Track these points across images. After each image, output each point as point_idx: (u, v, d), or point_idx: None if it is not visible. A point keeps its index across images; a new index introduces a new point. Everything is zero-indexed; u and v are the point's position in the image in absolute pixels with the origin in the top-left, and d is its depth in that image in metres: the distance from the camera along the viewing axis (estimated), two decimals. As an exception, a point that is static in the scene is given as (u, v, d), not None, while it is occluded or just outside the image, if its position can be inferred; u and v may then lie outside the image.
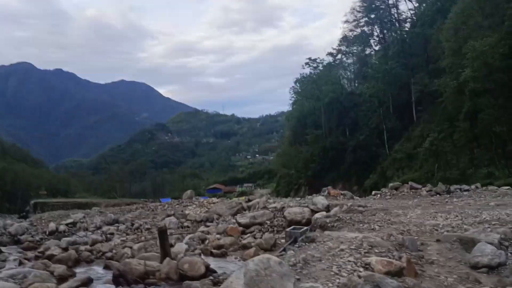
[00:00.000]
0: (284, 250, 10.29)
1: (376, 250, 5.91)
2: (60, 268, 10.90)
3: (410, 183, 17.69)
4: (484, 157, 29.70)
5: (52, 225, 21.22)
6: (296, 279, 4.77)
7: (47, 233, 20.38)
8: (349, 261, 5.43)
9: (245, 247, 11.56)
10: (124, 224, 18.67)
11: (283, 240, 11.82)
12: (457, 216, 9.61)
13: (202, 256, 11.36)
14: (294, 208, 13.80)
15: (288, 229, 11.76)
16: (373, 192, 17.78)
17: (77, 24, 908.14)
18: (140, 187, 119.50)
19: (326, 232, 7.77)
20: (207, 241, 12.81)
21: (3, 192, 76.90)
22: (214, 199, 24.12)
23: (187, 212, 19.85)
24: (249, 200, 18.95)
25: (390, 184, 17.57)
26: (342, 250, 5.95)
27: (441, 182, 17.80)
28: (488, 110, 28.12)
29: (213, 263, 10.35)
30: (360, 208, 12.31)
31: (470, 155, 31.05)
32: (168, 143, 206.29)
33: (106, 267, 11.66)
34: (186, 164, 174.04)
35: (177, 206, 23.30)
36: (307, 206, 13.78)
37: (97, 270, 11.94)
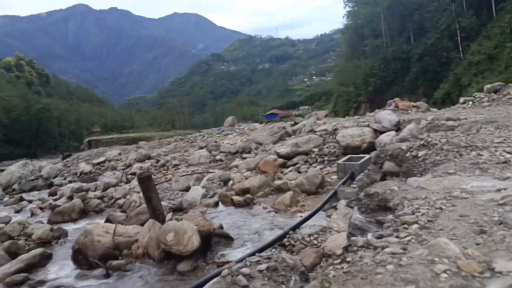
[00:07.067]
0: (336, 194, 6.63)
1: None
2: (40, 230, 8.19)
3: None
4: None
5: (82, 166, 19.23)
6: None
7: (78, 174, 18.49)
8: None
9: (280, 189, 7.99)
10: (149, 161, 15.83)
11: (334, 177, 8.18)
12: None
13: (221, 206, 8.10)
14: (351, 129, 9.91)
15: (341, 161, 8.03)
16: (462, 99, 13.01)
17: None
18: (202, 118, 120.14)
19: (410, 180, 3.87)
20: (230, 182, 9.43)
21: (69, 132, 79.96)
22: (257, 125, 20.72)
23: (226, 142, 16.70)
24: (295, 123, 15.16)
25: (487, 86, 12.68)
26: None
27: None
28: None
29: (231, 217, 7.07)
30: (451, 123, 8.17)
31: None
32: (225, 73, 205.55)
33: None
34: (243, 92, 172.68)
35: (217, 135, 20.37)
36: (368, 125, 9.84)
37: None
